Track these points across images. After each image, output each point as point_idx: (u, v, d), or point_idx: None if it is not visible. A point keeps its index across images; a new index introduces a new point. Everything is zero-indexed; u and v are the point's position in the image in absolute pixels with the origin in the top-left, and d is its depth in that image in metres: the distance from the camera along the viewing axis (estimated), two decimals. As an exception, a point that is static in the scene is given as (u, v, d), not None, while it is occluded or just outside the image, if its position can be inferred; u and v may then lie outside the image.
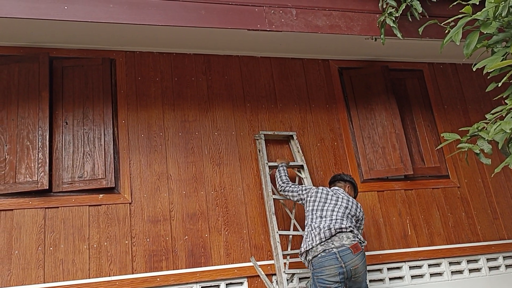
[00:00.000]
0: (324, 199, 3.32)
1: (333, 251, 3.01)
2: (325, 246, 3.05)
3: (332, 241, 3.06)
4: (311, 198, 3.37)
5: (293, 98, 4.35)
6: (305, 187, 3.50)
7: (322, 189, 3.41)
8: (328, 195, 3.35)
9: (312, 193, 3.40)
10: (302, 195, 3.46)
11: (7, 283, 3.17)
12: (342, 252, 3.00)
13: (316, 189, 3.43)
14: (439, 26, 3.24)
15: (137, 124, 3.83)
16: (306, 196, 3.42)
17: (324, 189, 3.42)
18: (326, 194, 3.36)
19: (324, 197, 3.34)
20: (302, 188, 3.49)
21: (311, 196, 3.38)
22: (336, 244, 3.04)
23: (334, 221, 3.15)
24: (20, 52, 3.72)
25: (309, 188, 3.47)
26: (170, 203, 3.69)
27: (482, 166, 4.66)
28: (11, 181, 3.36)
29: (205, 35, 3.90)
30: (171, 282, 3.45)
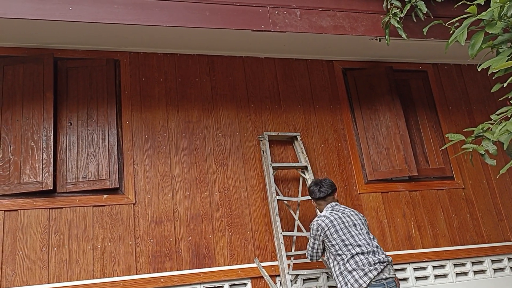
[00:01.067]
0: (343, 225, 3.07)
1: (382, 282, 2.90)
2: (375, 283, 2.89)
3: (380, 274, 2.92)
4: (330, 232, 3.05)
5: (297, 99, 4.34)
6: (313, 231, 3.15)
7: (332, 217, 3.11)
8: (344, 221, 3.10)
9: (328, 227, 3.07)
10: (321, 238, 3.11)
11: (11, 283, 3.18)
12: (389, 284, 2.91)
13: (328, 218, 3.11)
14: (443, 27, 3.22)
15: (141, 125, 3.83)
16: (324, 234, 3.08)
17: (333, 215, 3.12)
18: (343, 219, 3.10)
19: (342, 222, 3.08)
20: (313, 234, 3.15)
21: (329, 230, 3.05)
22: (383, 276, 2.92)
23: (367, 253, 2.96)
24: (24, 53, 3.73)
25: (318, 227, 3.10)
26: (174, 204, 3.69)
27: (487, 167, 4.64)
28: (15, 182, 3.37)
29: (209, 35, 3.91)
30: (175, 283, 3.45)
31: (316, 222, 3.15)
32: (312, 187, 3.39)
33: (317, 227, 3.12)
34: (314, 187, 3.37)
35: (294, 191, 4.01)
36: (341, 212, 3.17)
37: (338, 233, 3.04)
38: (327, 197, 3.32)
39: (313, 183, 3.41)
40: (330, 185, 3.35)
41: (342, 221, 3.09)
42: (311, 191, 3.40)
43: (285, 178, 4.04)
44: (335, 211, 3.19)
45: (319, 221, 3.13)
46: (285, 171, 4.05)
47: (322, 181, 3.37)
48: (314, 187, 3.37)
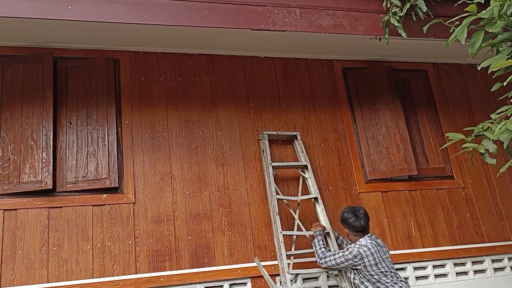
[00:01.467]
0: (381, 258, 3.18)
1: None
2: None
3: None
4: (369, 263, 3.15)
5: (296, 98, 4.34)
6: (349, 254, 3.19)
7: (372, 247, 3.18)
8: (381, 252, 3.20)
9: (367, 257, 3.15)
10: (355, 263, 3.19)
11: (11, 282, 3.17)
12: None
13: (368, 249, 3.17)
14: (443, 26, 3.22)
15: (140, 124, 3.83)
16: (362, 262, 3.15)
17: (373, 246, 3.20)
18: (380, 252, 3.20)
19: (379, 256, 3.18)
20: (349, 257, 3.19)
21: (368, 260, 3.15)
22: None
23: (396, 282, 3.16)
24: (24, 52, 3.73)
25: (357, 254, 3.16)
26: (174, 203, 3.68)
27: (487, 166, 4.64)
28: (15, 181, 3.37)
29: (209, 35, 3.90)
30: (175, 282, 3.45)
31: (357, 249, 3.19)
32: (348, 215, 3.34)
33: (357, 254, 3.18)
34: (352, 217, 3.31)
35: (294, 190, 4.00)
36: (377, 244, 3.24)
37: (377, 265, 3.16)
38: (366, 230, 3.33)
39: (349, 212, 3.35)
40: (367, 217, 3.35)
41: (379, 254, 3.20)
42: (346, 220, 3.34)
43: (285, 177, 4.03)
44: (373, 241, 3.25)
45: (361, 250, 3.18)
46: (285, 170, 4.05)
47: (359, 212, 3.33)
48: (352, 218, 3.31)
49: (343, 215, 3.37)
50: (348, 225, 3.33)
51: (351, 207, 3.39)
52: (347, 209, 3.38)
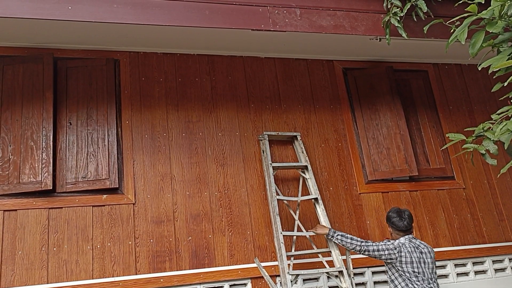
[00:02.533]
0: (417, 260, 3.27)
1: None
2: None
3: None
4: (405, 259, 3.26)
5: (297, 99, 4.34)
6: (391, 244, 3.32)
7: (410, 248, 3.29)
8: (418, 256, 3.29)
9: (404, 253, 3.27)
10: (392, 255, 3.28)
11: (10, 283, 3.17)
12: None
13: (406, 248, 3.29)
14: (444, 26, 3.21)
15: (140, 125, 3.82)
16: (399, 256, 3.27)
17: (411, 247, 3.30)
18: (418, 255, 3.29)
19: (417, 257, 3.28)
20: (390, 247, 3.30)
21: (405, 257, 3.26)
22: None
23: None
24: (24, 53, 3.72)
25: (397, 246, 3.29)
26: (174, 204, 3.68)
27: (487, 167, 4.63)
28: (15, 182, 3.36)
29: (209, 35, 3.90)
30: (175, 283, 3.44)
31: (397, 243, 3.33)
32: (393, 215, 3.46)
33: (397, 246, 3.31)
34: (396, 217, 3.44)
35: (294, 191, 4.00)
36: (416, 247, 3.33)
37: (412, 264, 3.26)
38: (408, 231, 3.44)
39: (394, 212, 3.47)
40: (411, 218, 3.46)
41: (417, 255, 3.29)
42: (391, 219, 3.46)
43: (285, 178, 4.03)
44: (412, 243, 3.34)
45: (399, 244, 3.32)
46: (285, 171, 4.04)
47: (404, 213, 3.45)
48: (396, 218, 3.43)
49: (389, 214, 3.50)
50: (392, 224, 3.46)
51: (397, 208, 3.51)
52: (393, 209, 3.51)
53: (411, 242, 3.36)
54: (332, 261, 3.63)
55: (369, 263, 3.90)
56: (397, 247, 3.30)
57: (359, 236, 3.99)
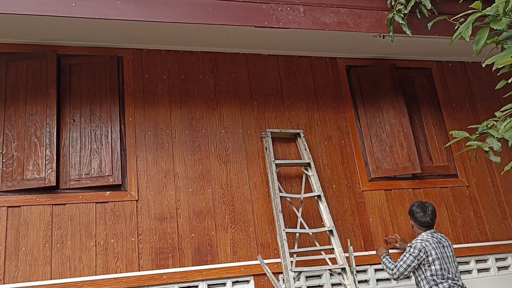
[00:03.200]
0: (441, 256, 3.37)
1: None
2: None
3: None
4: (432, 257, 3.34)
5: (300, 96, 4.33)
6: (415, 250, 3.36)
7: (433, 244, 3.38)
8: (442, 251, 3.38)
9: (429, 251, 3.35)
10: (421, 259, 3.35)
11: (14, 279, 3.18)
12: None
13: (430, 244, 3.37)
14: (448, 23, 3.21)
15: (144, 122, 3.83)
16: (426, 256, 3.35)
17: (434, 242, 3.39)
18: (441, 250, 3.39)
19: (440, 252, 3.37)
20: (415, 253, 3.35)
21: (431, 254, 3.34)
22: None
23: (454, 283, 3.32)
24: (28, 49, 3.73)
25: (421, 248, 3.35)
26: (177, 201, 3.68)
27: (491, 165, 4.62)
28: (18, 178, 3.37)
29: (212, 32, 3.90)
30: (178, 280, 3.45)
31: (420, 243, 3.38)
32: (417, 210, 3.52)
33: (421, 248, 3.36)
34: (420, 211, 3.51)
35: (297, 188, 4.00)
36: (438, 241, 3.42)
37: (439, 260, 3.34)
38: (430, 227, 3.51)
39: (418, 207, 3.53)
40: (435, 214, 3.52)
41: (440, 251, 3.38)
42: (414, 213, 3.53)
43: (288, 175, 4.03)
44: (435, 238, 3.43)
45: (424, 244, 3.37)
46: (288, 168, 4.04)
47: (428, 208, 3.51)
48: (420, 212, 3.50)
49: (412, 208, 3.56)
50: (415, 218, 3.52)
51: (421, 203, 3.56)
52: (417, 204, 3.56)
53: (433, 237, 3.42)
54: (335, 258, 3.63)
55: (372, 261, 3.90)
56: (421, 248, 3.35)
57: (362, 234, 3.99)
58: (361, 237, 3.98)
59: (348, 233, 3.96)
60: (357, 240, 3.96)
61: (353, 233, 3.97)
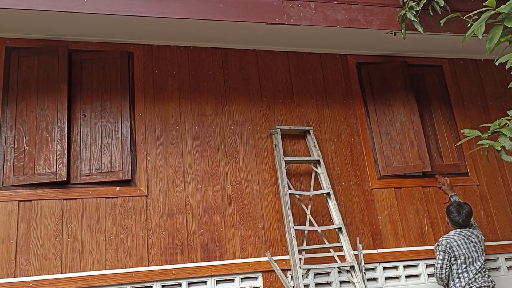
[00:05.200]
0: (467, 252, 3.58)
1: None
2: None
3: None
4: (457, 254, 3.57)
5: (310, 93, 4.32)
6: (441, 252, 3.62)
7: (459, 240, 3.60)
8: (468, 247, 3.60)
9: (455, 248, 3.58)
10: (450, 256, 3.59)
11: (25, 273, 3.22)
12: None
13: (455, 241, 3.60)
14: (460, 21, 3.17)
15: (154, 117, 3.84)
16: (452, 252, 3.58)
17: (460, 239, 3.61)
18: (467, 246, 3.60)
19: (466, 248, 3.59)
20: (441, 252, 3.61)
21: (456, 250, 3.57)
22: None
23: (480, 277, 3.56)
24: (39, 45, 3.75)
25: (446, 245, 3.60)
26: (186, 197, 3.69)
27: (502, 164, 4.58)
28: (30, 172, 3.40)
29: (223, 28, 3.89)
30: (186, 275, 3.47)
31: (445, 240, 3.63)
32: (453, 210, 3.73)
33: (446, 244, 3.60)
34: (455, 212, 3.70)
35: (306, 185, 3.99)
36: (466, 238, 3.63)
37: (464, 256, 3.57)
38: (463, 227, 3.70)
39: (454, 207, 3.73)
40: (469, 215, 3.70)
41: (467, 246, 3.60)
42: (449, 213, 3.74)
43: (297, 172, 4.02)
44: (462, 235, 3.64)
45: (449, 240, 3.61)
46: (297, 165, 4.04)
47: (464, 209, 3.70)
48: (454, 212, 3.70)
49: (450, 207, 3.76)
50: (449, 217, 3.74)
51: (458, 204, 3.74)
52: (455, 204, 3.76)
53: (460, 234, 3.62)
54: (343, 256, 3.62)
55: (381, 259, 3.89)
56: (446, 244, 3.58)
57: (371, 231, 3.98)
58: (370, 235, 3.97)
59: (357, 230, 3.95)
60: (366, 238, 3.95)
61: (362, 231, 3.96)
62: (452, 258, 3.57)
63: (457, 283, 3.56)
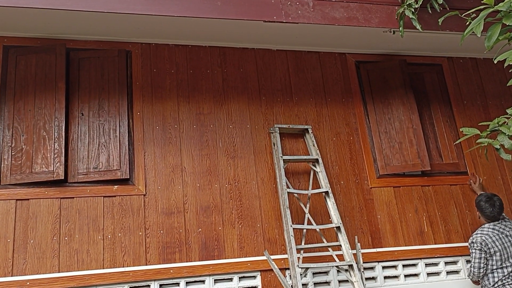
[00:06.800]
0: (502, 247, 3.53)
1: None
2: None
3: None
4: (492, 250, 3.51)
5: (308, 92, 4.31)
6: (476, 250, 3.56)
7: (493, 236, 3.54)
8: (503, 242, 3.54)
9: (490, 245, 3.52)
10: (485, 254, 3.53)
11: (22, 271, 3.21)
12: None
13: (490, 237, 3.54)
14: (459, 19, 3.16)
15: (152, 116, 3.83)
16: (487, 249, 3.52)
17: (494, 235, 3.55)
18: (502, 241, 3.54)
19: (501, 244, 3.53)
20: (477, 250, 3.56)
21: (492, 247, 3.52)
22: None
23: None
24: (37, 43, 3.74)
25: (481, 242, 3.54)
26: (184, 196, 3.68)
27: (502, 162, 4.56)
28: (27, 171, 3.39)
29: (221, 27, 3.88)
30: (184, 274, 3.46)
31: (480, 237, 3.57)
32: (483, 203, 3.66)
33: (481, 241, 3.54)
34: (486, 203, 3.64)
35: (304, 184, 3.98)
36: (501, 232, 3.57)
37: (500, 252, 3.51)
38: (496, 219, 3.63)
39: (484, 199, 3.67)
40: (502, 207, 3.64)
41: (503, 241, 3.53)
42: (481, 206, 3.67)
43: (296, 171, 4.01)
44: (496, 230, 3.58)
45: (483, 238, 3.55)
46: (296, 164, 4.03)
47: (495, 200, 3.63)
48: (486, 204, 3.64)
49: (480, 203, 3.67)
50: (482, 211, 3.66)
51: (489, 197, 3.66)
52: (485, 197, 3.68)
53: (494, 229, 3.56)
54: (342, 255, 3.61)
55: (380, 258, 3.88)
56: (482, 241, 3.52)
57: (370, 231, 3.97)
58: (368, 234, 3.96)
59: (356, 230, 3.94)
60: (365, 237, 3.94)
61: (361, 230, 3.95)
62: (488, 255, 3.52)
63: (490, 278, 3.52)
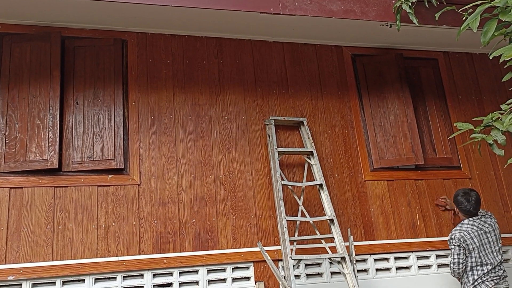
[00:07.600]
0: (480, 244, 3.54)
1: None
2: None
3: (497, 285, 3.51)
4: (471, 247, 3.53)
5: (304, 84, 4.31)
6: (455, 246, 3.58)
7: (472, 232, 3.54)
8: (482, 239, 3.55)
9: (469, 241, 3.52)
10: (464, 249, 3.55)
11: (15, 259, 3.21)
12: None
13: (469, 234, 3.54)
14: (456, 14, 3.16)
15: (147, 106, 3.82)
16: (466, 245, 3.53)
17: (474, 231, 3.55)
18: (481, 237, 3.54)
19: (479, 240, 3.54)
20: (456, 246, 3.57)
21: (470, 244, 3.52)
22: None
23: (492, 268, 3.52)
24: (32, 31, 3.71)
25: (460, 238, 3.55)
26: (179, 186, 3.69)
27: (494, 158, 4.59)
28: (21, 159, 3.38)
29: (218, 17, 3.86)
30: (178, 264, 3.47)
31: (458, 233, 3.57)
32: (459, 197, 3.69)
33: (460, 237, 3.55)
34: (464, 201, 3.65)
35: (299, 176, 4.00)
36: (480, 228, 3.57)
37: (478, 249, 3.53)
38: (474, 214, 3.66)
39: (461, 193, 3.70)
40: (478, 202, 3.66)
41: (481, 238, 3.54)
42: (457, 201, 3.70)
43: (290, 163, 4.02)
44: (475, 226, 3.58)
45: (462, 234, 3.56)
46: (291, 156, 4.04)
47: (472, 197, 3.65)
48: (464, 202, 3.65)
49: (457, 196, 3.71)
50: (458, 206, 3.70)
51: (465, 191, 3.70)
52: (462, 193, 3.71)
53: (473, 225, 3.57)
54: (335, 247, 3.64)
55: (372, 251, 3.91)
56: (460, 239, 3.53)
57: (363, 223, 3.99)
58: (361, 226, 3.99)
59: (349, 222, 3.96)
60: (358, 230, 3.96)
61: (354, 223, 3.98)
62: (467, 251, 3.53)
63: (470, 275, 3.54)
